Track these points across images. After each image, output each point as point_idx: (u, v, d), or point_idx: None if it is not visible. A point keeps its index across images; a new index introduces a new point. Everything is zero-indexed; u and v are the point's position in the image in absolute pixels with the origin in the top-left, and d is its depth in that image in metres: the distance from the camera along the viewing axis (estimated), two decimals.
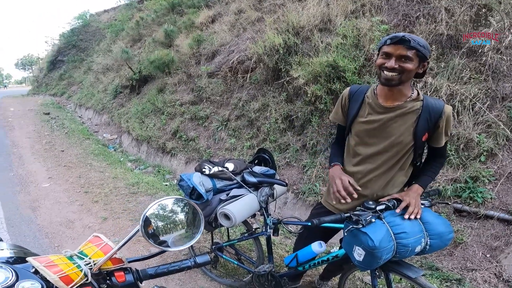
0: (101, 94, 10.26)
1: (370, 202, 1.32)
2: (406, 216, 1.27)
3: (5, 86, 53.64)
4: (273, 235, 1.85)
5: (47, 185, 4.29)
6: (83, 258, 0.79)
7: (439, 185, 2.54)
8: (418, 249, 1.26)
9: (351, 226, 1.27)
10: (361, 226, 1.23)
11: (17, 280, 0.74)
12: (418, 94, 1.35)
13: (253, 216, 1.89)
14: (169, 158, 5.39)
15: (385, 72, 1.26)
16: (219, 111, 5.02)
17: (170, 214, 0.87)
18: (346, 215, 1.30)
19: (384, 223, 1.26)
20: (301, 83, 3.65)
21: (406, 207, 1.30)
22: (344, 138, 1.56)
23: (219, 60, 5.50)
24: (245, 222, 1.99)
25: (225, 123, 4.75)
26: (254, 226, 2.12)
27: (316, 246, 1.63)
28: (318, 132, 3.46)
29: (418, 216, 1.28)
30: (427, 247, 1.27)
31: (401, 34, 1.24)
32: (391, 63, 1.23)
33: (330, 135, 3.36)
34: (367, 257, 1.23)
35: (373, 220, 1.25)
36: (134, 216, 3.35)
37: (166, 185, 4.46)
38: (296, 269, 1.77)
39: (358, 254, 1.27)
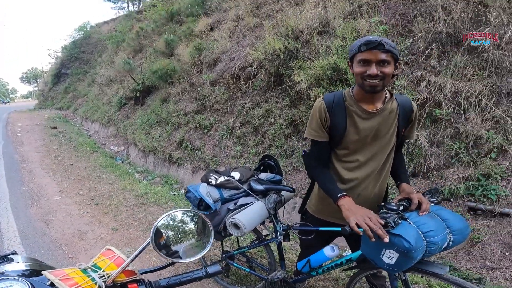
0: (106, 106, 10.40)
1: (392, 204, 1.30)
2: (421, 214, 1.27)
3: (8, 102, 50.02)
4: (283, 241, 1.83)
5: (58, 198, 4.34)
6: (97, 271, 0.80)
7: (450, 184, 2.52)
8: (444, 245, 1.25)
9: None
10: (391, 228, 1.20)
11: None
12: (390, 93, 1.39)
13: (263, 223, 1.89)
14: (176, 168, 5.40)
15: (368, 80, 1.24)
16: (223, 119, 5.03)
17: (180, 225, 0.88)
18: None
19: (410, 223, 1.24)
20: (304, 87, 3.63)
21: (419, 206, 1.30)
22: (327, 155, 1.49)
23: (221, 68, 5.50)
24: (254, 230, 1.98)
25: (230, 131, 4.75)
26: (264, 232, 2.11)
27: (329, 251, 1.58)
28: None
29: (426, 213, 1.28)
30: (451, 243, 1.26)
31: (373, 38, 1.20)
32: (373, 70, 1.20)
33: None
34: (401, 259, 1.20)
35: (399, 221, 1.23)
36: (144, 226, 3.38)
37: (174, 194, 4.49)
38: (309, 274, 1.74)
39: (389, 257, 1.23)
